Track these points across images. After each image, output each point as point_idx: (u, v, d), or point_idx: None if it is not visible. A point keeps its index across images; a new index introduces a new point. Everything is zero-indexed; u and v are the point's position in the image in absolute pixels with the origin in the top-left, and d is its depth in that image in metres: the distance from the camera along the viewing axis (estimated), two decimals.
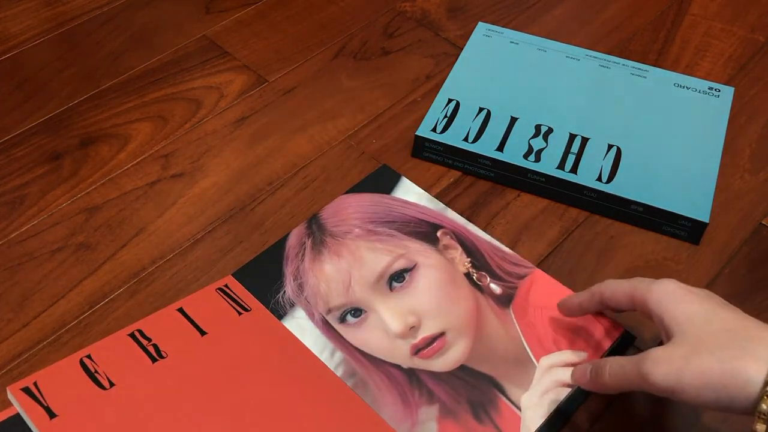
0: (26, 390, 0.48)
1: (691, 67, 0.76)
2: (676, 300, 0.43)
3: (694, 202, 0.62)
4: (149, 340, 0.51)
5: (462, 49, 0.75)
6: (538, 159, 0.64)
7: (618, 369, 0.44)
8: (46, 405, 0.47)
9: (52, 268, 0.60)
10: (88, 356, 0.51)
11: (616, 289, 0.48)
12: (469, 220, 0.63)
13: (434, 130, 0.66)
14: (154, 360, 0.50)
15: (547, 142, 0.65)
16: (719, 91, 0.70)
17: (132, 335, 0.52)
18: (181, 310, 0.54)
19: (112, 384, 0.49)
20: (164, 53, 0.77)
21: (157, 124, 0.70)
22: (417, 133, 0.66)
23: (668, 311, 0.43)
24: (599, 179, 0.63)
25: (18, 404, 0.48)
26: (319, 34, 0.79)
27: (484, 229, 0.62)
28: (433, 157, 0.67)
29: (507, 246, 0.60)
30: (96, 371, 0.49)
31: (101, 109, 0.71)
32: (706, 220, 0.60)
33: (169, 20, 0.80)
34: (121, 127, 0.70)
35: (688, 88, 0.70)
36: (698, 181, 0.63)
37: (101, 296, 0.58)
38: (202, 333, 0.53)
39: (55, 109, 0.71)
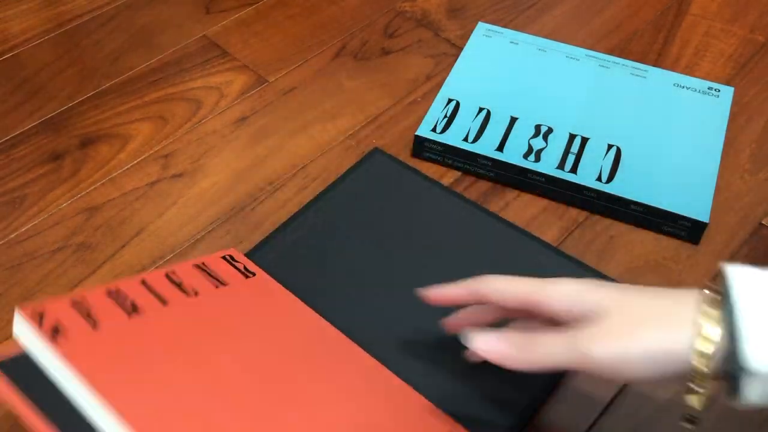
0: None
1: (691, 67, 0.76)
2: (584, 292, 0.40)
3: (694, 202, 0.62)
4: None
5: (462, 49, 0.75)
6: (537, 159, 0.64)
7: (551, 346, 0.40)
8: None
9: (52, 268, 0.60)
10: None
11: (503, 288, 0.43)
12: None
13: (434, 130, 0.66)
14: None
15: (546, 142, 0.65)
16: (719, 91, 0.70)
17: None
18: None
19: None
20: (164, 53, 0.77)
21: (157, 124, 0.70)
22: (417, 133, 0.66)
23: (579, 303, 0.40)
24: (599, 179, 0.63)
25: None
26: (319, 34, 0.79)
27: None
28: (433, 157, 0.67)
29: None
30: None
31: (101, 109, 0.71)
32: (706, 220, 0.60)
33: (169, 20, 0.80)
34: (121, 127, 0.70)
35: (688, 88, 0.70)
36: (698, 181, 0.63)
37: None
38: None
39: (55, 109, 0.71)
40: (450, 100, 0.69)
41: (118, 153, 0.68)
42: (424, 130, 0.66)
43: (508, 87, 0.70)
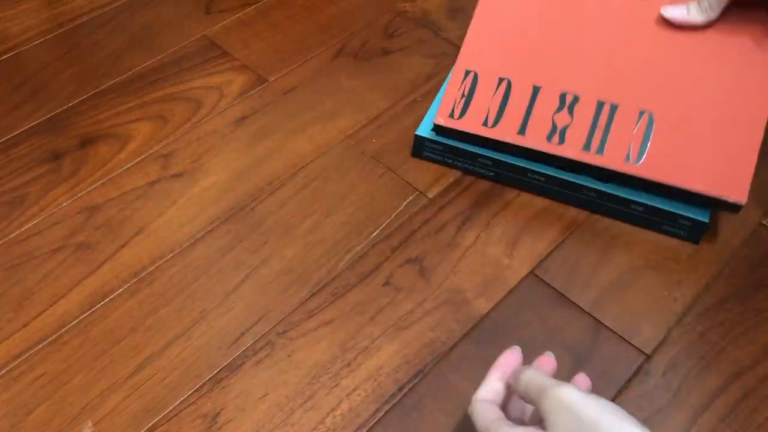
0: None
1: None
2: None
3: None
4: None
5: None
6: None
7: None
8: None
9: (52, 267, 0.60)
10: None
11: None
12: (469, 220, 0.63)
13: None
14: None
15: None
16: None
17: None
18: None
19: None
20: (164, 53, 0.77)
21: (157, 124, 0.70)
22: (417, 133, 0.66)
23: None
24: (600, 179, 0.63)
25: None
26: (319, 34, 0.79)
27: (485, 228, 0.62)
28: (433, 157, 0.67)
29: (506, 247, 0.61)
30: None
31: (101, 109, 0.71)
32: (706, 220, 0.60)
33: (169, 20, 0.80)
34: (121, 127, 0.70)
35: None
36: None
37: (101, 296, 0.58)
38: None
39: (55, 109, 0.71)
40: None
41: (118, 153, 0.68)
42: (424, 130, 0.66)
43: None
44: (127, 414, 0.52)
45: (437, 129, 0.65)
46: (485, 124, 0.63)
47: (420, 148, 0.67)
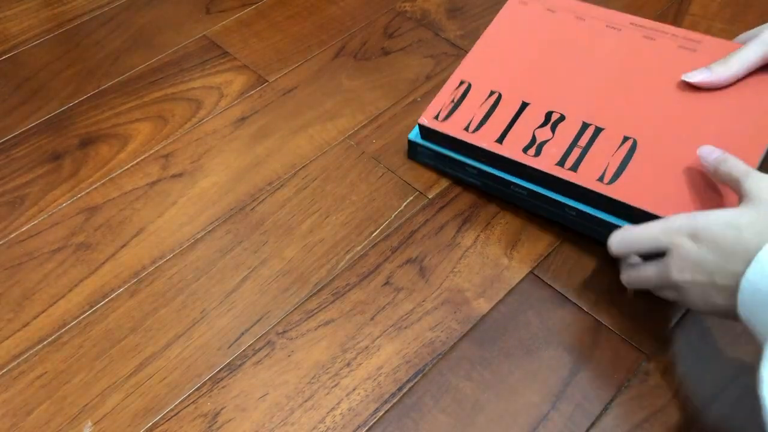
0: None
1: None
2: None
3: None
4: None
5: (461, 48, 0.75)
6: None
7: (741, 54, 0.59)
8: None
9: (52, 268, 0.60)
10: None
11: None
12: (469, 220, 0.63)
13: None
14: None
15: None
16: None
17: None
18: None
19: None
20: (164, 53, 0.77)
21: (157, 124, 0.70)
22: (409, 138, 0.65)
23: None
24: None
25: None
26: (319, 34, 0.79)
27: (485, 228, 0.62)
28: (427, 162, 0.66)
29: (506, 247, 0.61)
30: None
31: (101, 109, 0.71)
32: None
33: (169, 20, 0.80)
34: (121, 127, 0.70)
35: None
36: None
37: (101, 296, 0.58)
38: None
39: (55, 109, 0.71)
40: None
41: (118, 153, 0.68)
42: (416, 135, 0.65)
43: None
44: (127, 413, 0.52)
45: (422, 130, 0.65)
46: (466, 129, 0.62)
47: (414, 152, 0.66)
